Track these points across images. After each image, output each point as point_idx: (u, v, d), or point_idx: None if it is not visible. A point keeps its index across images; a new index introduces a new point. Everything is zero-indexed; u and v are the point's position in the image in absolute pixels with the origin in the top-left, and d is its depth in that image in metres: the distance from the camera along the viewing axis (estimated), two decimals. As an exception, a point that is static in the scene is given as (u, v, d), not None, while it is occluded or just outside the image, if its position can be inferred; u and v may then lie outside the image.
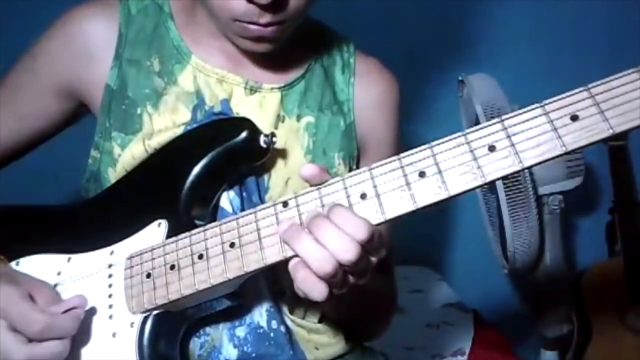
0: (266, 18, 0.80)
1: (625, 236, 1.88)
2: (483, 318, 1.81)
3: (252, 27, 0.82)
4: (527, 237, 1.65)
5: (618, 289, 1.86)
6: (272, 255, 0.69)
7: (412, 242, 1.81)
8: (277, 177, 0.91)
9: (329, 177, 0.70)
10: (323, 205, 0.68)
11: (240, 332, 0.88)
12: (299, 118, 0.94)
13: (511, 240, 1.64)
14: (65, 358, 0.74)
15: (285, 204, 0.70)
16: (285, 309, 0.92)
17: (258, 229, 0.71)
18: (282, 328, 0.89)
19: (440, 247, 2.24)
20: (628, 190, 1.86)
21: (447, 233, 2.23)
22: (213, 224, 0.75)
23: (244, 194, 0.88)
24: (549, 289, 1.84)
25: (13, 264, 0.86)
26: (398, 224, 0.70)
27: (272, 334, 0.88)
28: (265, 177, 0.90)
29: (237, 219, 0.73)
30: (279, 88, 0.93)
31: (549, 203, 1.80)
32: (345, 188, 0.67)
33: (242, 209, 0.86)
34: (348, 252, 0.64)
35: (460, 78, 1.73)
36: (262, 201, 0.89)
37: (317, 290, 0.65)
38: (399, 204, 0.65)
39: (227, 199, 0.87)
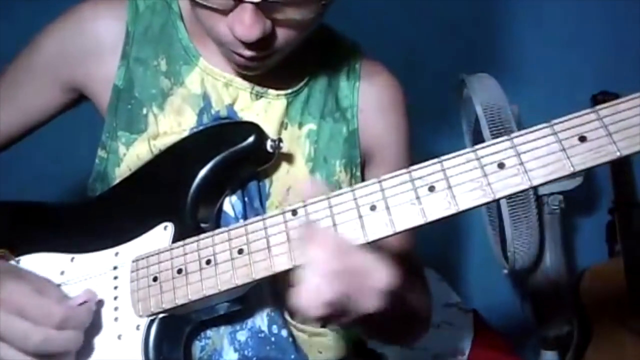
0: (250, 52, 0.78)
1: (625, 236, 1.89)
2: (483, 318, 1.81)
3: (236, 56, 0.80)
4: (527, 237, 1.65)
5: (618, 290, 1.86)
6: (281, 263, 0.69)
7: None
8: (279, 185, 0.90)
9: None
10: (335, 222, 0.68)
11: (241, 336, 0.87)
12: (300, 126, 0.92)
13: (511, 240, 1.64)
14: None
15: (294, 212, 0.70)
16: (286, 314, 0.91)
17: (267, 236, 0.71)
18: (284, 332, 0.89)
19: (441, 247, 2.23)
20: (628, 190, 1.87)
21: (447, 233, 2.23)
22: (221, 229, 0.75)
23: (246, 198, 0.88)
24: (549, 289, 1.84)
25: (13, 262, 0.86)
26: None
27: (273, 339, 0.88)
28: (267, 183, 0.89)
29: (246, 225, 0.73)
30: (285, 95, 0.91)
31: (549, 203, 1.81)
32: (355, 199, 0.67)
33: (244, 214, 0.86)
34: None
35: (460, 78, 1.73)
36: (264, 207, 0.89)
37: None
38: (409, 217, 0.65)
39: (230, 204, 0.87)
